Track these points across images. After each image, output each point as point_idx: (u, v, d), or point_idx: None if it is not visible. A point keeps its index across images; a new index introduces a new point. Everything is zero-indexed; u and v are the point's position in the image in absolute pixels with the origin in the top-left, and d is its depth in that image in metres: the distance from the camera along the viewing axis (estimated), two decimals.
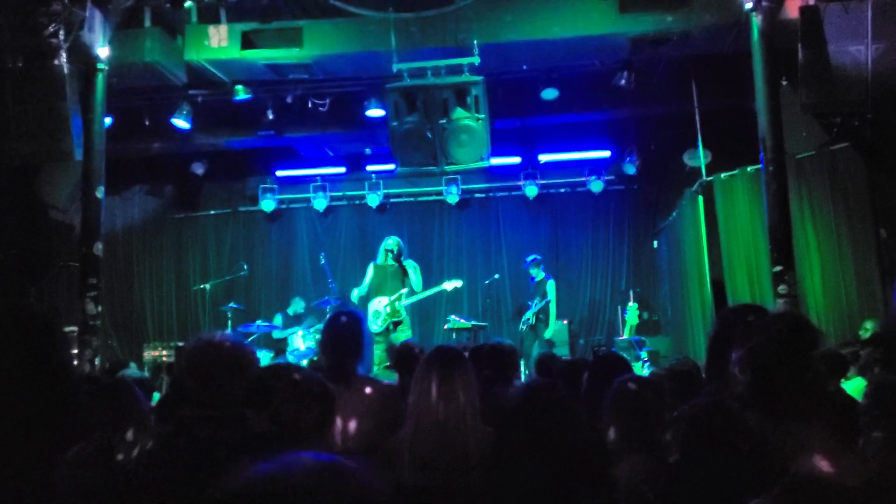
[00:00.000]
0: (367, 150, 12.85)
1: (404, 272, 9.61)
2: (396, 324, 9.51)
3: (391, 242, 9.73)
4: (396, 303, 9.48)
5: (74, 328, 8.18)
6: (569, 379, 3.91)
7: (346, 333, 3.74)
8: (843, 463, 1.50)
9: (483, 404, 3.27)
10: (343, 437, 3.35)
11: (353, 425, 3.40)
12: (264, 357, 10.41)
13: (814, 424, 1.53)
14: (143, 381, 4.40)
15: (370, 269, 9.75)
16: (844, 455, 1.52)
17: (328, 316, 4.03)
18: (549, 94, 10.22)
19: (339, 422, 3.29)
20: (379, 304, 9.58)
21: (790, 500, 1.49)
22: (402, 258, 9.62)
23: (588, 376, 3.63)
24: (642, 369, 8.96)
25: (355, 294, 9.70)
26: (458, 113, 8.53)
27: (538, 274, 11.01)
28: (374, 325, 9.47)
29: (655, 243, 13.00)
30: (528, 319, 10.76)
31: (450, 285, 10.01)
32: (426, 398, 2.88)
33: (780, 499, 1.50)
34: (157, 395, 5.50)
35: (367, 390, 3.55)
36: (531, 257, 11.16)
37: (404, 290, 9.50)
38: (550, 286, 10.80)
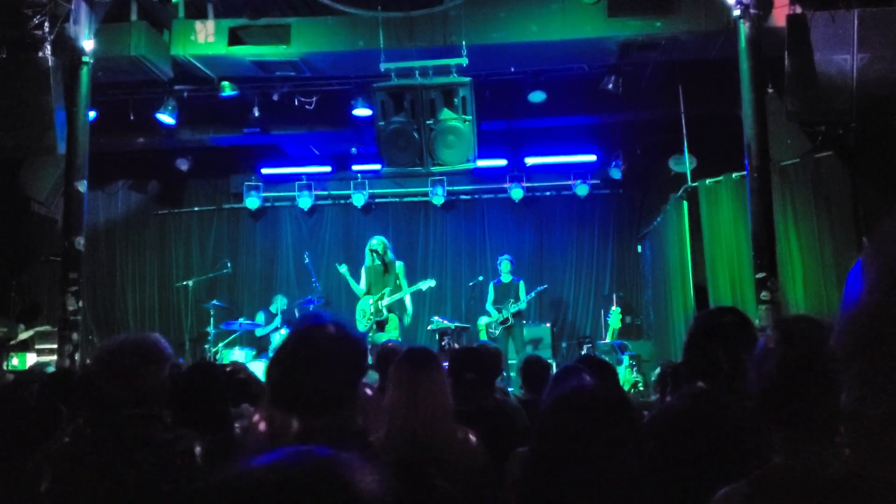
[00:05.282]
0: (354, 150, 12.82)
1: (387, 270, 9.66)
2: (381, 323, 9.54)
3: (376, 243, 9.76)
4: (379, 302, 9.52)
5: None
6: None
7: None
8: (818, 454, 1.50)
9: (466, 407, 3.24)
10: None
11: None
12: (246, 355, 10.37)
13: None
14: None
15: (362, 273, 9.80)
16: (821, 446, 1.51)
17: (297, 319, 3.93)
18: (537, 97, 10.24)
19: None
20: (364, 305, 9.64)
21: (763, 488, 1.49)
22: (386, 257, 9.65)
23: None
24: (631, 374, 9.00)
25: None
26: (446, 114, 8.52)
27: (507, 276, 11.02)
28: (360, 324, 9.50)
29: (639, 248, 13.04)
30: (507, 321, 10.77)
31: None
32: (398, 400, 2.83)
33: (752, 486, 1.50)
34: None
35: None
36: (508, 257, 11.18)
37: (386, 289, 9.55)
38: (522, 288, 10.86)
